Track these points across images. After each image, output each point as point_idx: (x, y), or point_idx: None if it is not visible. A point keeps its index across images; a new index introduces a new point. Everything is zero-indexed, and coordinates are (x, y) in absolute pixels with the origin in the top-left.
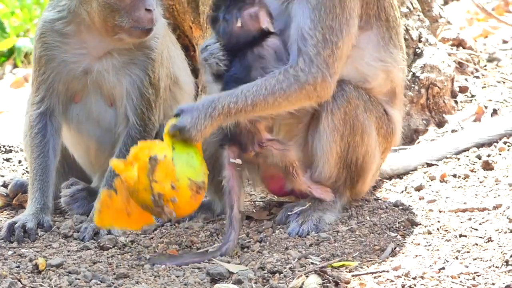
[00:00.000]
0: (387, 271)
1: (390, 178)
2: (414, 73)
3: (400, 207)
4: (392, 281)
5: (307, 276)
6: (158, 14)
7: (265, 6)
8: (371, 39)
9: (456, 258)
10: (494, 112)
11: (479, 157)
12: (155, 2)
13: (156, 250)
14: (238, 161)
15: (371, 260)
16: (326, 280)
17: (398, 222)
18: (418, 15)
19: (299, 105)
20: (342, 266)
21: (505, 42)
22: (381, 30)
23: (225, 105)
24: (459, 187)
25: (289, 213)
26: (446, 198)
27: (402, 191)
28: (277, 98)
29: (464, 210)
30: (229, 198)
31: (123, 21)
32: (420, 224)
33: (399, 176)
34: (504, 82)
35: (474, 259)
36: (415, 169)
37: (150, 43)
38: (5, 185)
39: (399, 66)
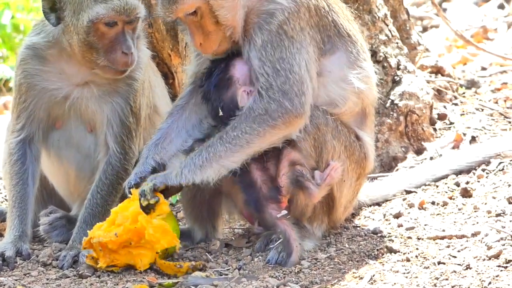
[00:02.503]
0: None
1: (369, 207)
2: (392, 101)
3: (379, 235)
4: None
5: None
6: (142, 45)
7: (245, 80)
8: (340, 59)
9: (435, 285)
10: (473, 139)
11: (457, 184)
12: (134, 43)
13: (135, 278)
14: (284, 212)
15: None
16: None
17: (377, 250)
18: (397, 43)
19: (265, 141)
20: None
21: (483, 69)
22: (347, 46)
23: (191, 166)
24: (438, 214)
25: (271, 246)
26: (425, 225)
27: (381, 219)
28: (245, 140)
29: (442, 238)
30: (288, 246)
31: (99, 59)
32: (398, 252)
33: (378, 203)
34: (482, 110)
35: (453, 287)
36: (393, 197)
37: (134, 74)
38: None
39: (370, 79)
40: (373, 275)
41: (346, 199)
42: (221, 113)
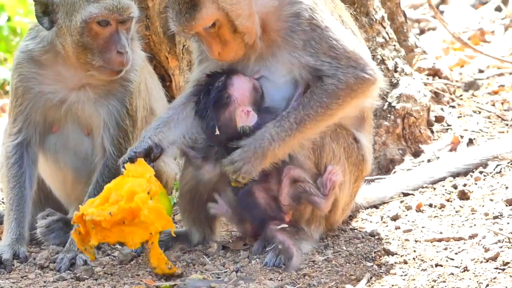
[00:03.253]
0: None
1: (366, 209)
2: (390, 103)
3: (376, 237)
4: None
5: None
6: (137, 47)
7: (243, 100)
8: None
9: (432, 287)
10: (470, 141)
11: (455, 187)
12: (128, 44)
13: (132, 281)
14: (284, 225)
15: None
16: None
17: (374, 252)
18: (394, 45)
19: (345, 109)
20: None
21: (481, 71)
22: None
23: (271, 130)
24: (435, 216)
25: (268, 248)
26: (422, 227)
27: (378, 221)
28: (320, 111)
29: (440, 240)
30: (288, 252)
31: (94, 59)
32: (396, 254)
33: (375, 206)
34: (480, 112)
35: None
36: (391, 200)
37: (129, 75)
38: None
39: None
40: (371, 278)
41: (344, 201)
42: (217, 132)
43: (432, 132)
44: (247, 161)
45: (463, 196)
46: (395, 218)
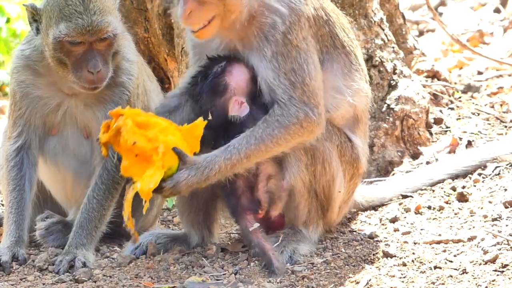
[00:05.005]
0: None
1: (365, 210)
2: (388, 105)
3: (375, 239)
4: None
5: None
6: (130, 54)
7: (239, 90)
8: (333, 70)
9: None
10: (469, 143)
11: (454, 189)
12: (106, 60)
13: (131, 283)
14: (257, 225)
15: None
16: None
17: (373, 254)
18: (393, 47)
19: (291, 145)
20: None
21: (480, 73)
22: (341, 58)
23: (221, 163)
24: (434, 218)
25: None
26: (421, 230)
27: (377, 223)
28: (268, 144)
29: (439, 242)
30: (266, 257)
31: (68, 75)
32: (395, 256)
33: (374, 208)
34: (478, 114)
35: None
36: (390, 201)
37: (125, 82)
38: None
39: (363, 91)
40: (370, 280)
41: (341, 199)
42: (210, 117)
43: (431, 134)
44: (189, 185)
45: (462, 198)
46: (394, 220)
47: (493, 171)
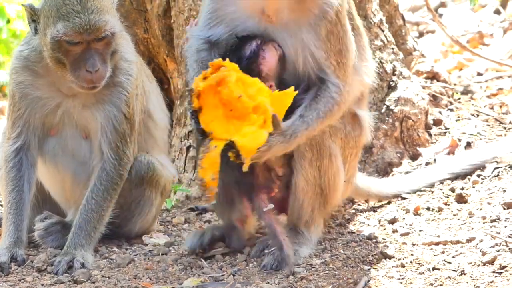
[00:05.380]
0: None
1: (362, 211)
2: (388, 106)
3: (374, 240)
4: None
5: None
6: (129, 54)
7: (270, 75)
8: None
9: None
10: (468, 145)
11: (452, 190)
12: (105, 60)
13: (130, 284)
14: (271, 205)
15: None
16: None
17: (372, 255)
18: (392, 48)
19: (331, 123)
20: None
21: (479, 74)
22: (358, 39)
23: (302, 132)
24: (433, 220)
25: (264, 251)
26: (420, 231)
27: (376, 224)
28: (325, 119)
29: (437, 243)
30: (276, 240)
31: (66, 75)
32: (393, 257)
33: (374, 209)
34: (478, 115)
35: None
36: (388, 202)
37: (124, 82)
38: None
39: (372, 70)
40: (368, 281)
41: (341, 188)
42: None
43: (430, 135)
44: (276, 151)
45: (461, 199)
46: (392, 221)
47: (492, 172)
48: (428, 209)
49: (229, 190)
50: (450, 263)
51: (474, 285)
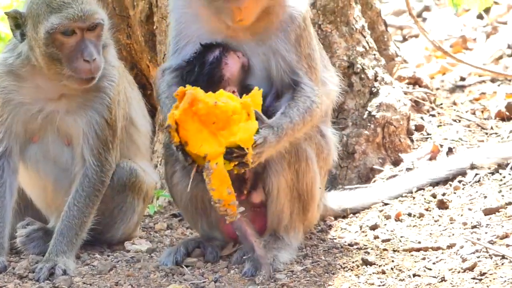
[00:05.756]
0: None
1: (344, 217)
2: (370, 112)
3: (355, 247)
4: None
5: None
6: (113, 56)
7: (232, 80)
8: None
9: None
10: (450, 150)
11: (434, 196)
12: (98, 51)
13: None
14: (242, 209)
15: None
16: None
17: (353, 262)
18: (374, 54)
19: (312, 125)
20: None
21: (463, 79)
22: (321, 52)
23: (287, 125)
24: (414, 226)
25: (244, 257)
26: (401, 237)
27: (357, 231)
28: (307, 118)
29: (418, 250)
30: (247, 242)
31: (63, 69)
32: (374, 264)
33: (355, 215)
34: (459, 121)
35: None
36: (369, 209)
37: (106, 86)
38: None
39: (337, 84)
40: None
41: (318, 198)
42: None
43: (412, 141)
44: (271, 143)
45: (442, 205)
46: (374, 227)
47: (473, 178)
48: (409, 215)
49: (199, 199)
50: (430, 269)
51: None
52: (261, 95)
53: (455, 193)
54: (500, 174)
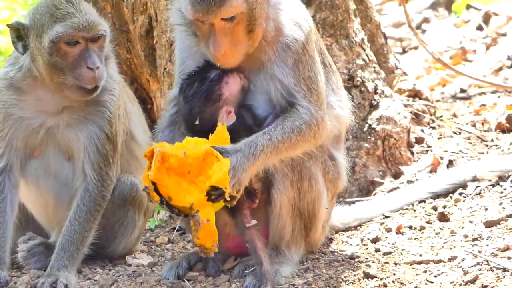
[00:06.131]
0: None
1: (345, 231)
2: (370, 125)
3: (356, 260)
4: None
5: None
6: (114, 70)
7: (230, 100)
8: (328, 85)
9: None
10: (450, 163)
11: (435, 209)
12: (101, 61)
13: None
14: (254, 221)
15: None
16: None
17: (354, 275)
18: (374, 67)
19: (307, 145)
20: None
21: (463, 90)
22: (330, 75)
23: (263, 142)
24: (415, 238)
25: (246, 271)
26: (402, 250)
27: (358, 243)
28: (294, 138)
29: (419, 262)
30: (256, 256)
31: (66, 78)
32: (376, 277)
33: (356, 228)
34: (460, 133)
35: None
36: (370, 222)
37: (107, 101)
38: None
39: (347, 109)
40: None
41: (322, 219)
42: (197, 122)
43: (412, 153)
44: (244, 168)
45: (443, 218)
46: (375, 240)
47: (474, 191)
48: (410, 227)
49: None
50: (432, 282)
51: None
52: (227, 129)
53: (456, 205)
54: (501, 186)
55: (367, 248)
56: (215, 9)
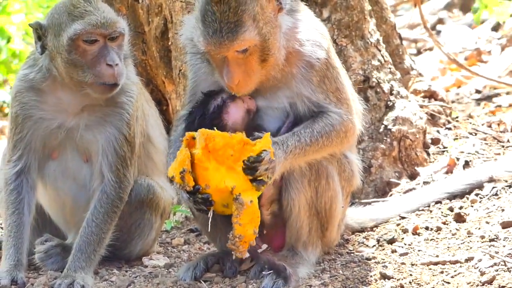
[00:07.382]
0: None
1: (361, 231)
2: (386, 126)
3: (373, 261)
4: None
5: None
6: (131, 72)
7: (236, 127)
8: None
9: None
10: (466, 164)
11: (451, 209)
12: (120, 58)
13: None
14: (265, 246)
15: None
16: None
17: (371, 276)
18: (390, 68)
19: (333, 150)
20: None
21: (478, 91)
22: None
23: (293, 142)
24: (432, 239)
25: (264, 272)
26: (419, 251)
27: (375, 245)
28: (322, 141)
29: (436, 263)
30: (277, 266)
31: (85, 76)
32: (392, 278)
33: (372, 229)
34: (476, 134)
35: None
36: (387, 223)
37: (125, 103)
38: None
39: (361, 111)
40: None
41: (339, 217)
42: None
43: (428, 154)
44: (278, 159)
45: (459, 218)
46: (391, 241)
47: (490, 191)
48: (427, 228)
49: (219, 214)
50: (449, 283)
51: None
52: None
53: (472, 206)
54: None
55: (383, 249)
56: (227, 42)
